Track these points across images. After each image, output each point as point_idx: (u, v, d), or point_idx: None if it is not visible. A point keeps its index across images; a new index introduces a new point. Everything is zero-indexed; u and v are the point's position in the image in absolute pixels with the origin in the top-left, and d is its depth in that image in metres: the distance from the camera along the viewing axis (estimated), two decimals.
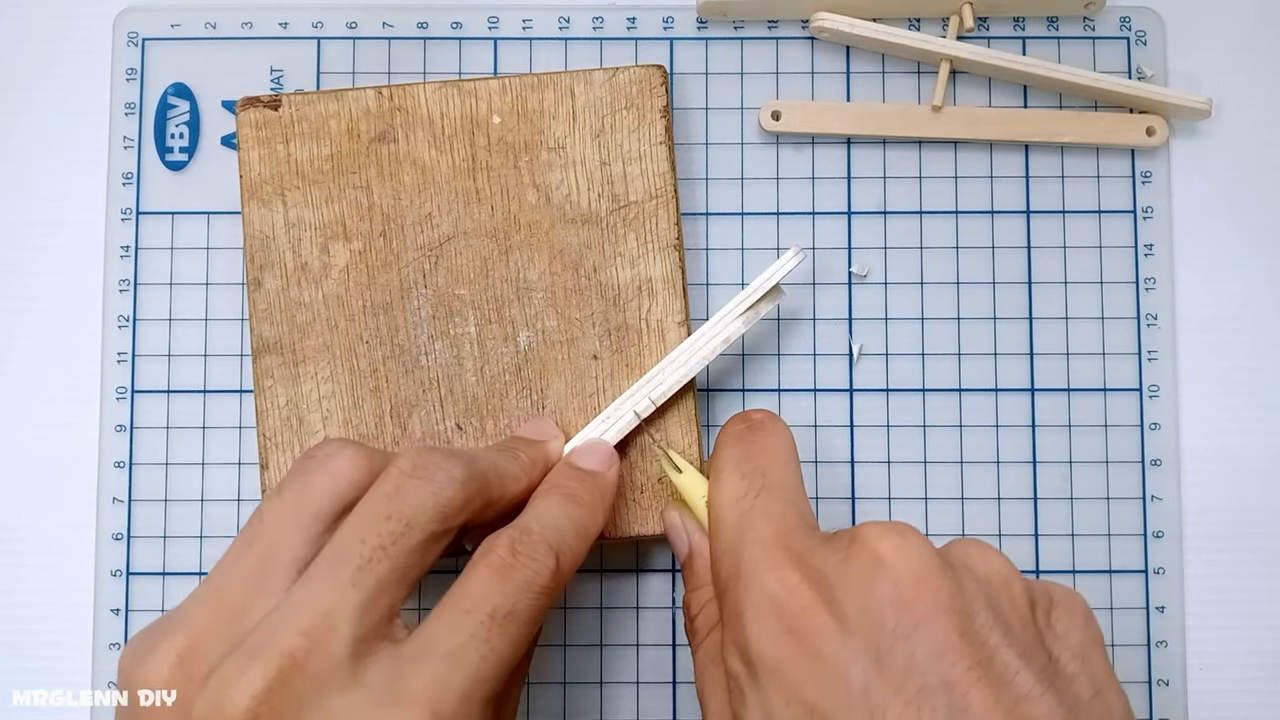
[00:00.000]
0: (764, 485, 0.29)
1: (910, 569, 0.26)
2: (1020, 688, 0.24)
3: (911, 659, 0.25)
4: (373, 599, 0.26)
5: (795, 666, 0.25)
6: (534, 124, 0.37)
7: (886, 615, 0.25)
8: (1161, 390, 0.39)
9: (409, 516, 0.27)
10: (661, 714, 0.38)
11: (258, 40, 0.40)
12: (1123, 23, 0.40)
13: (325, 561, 0.27)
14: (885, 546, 0.26)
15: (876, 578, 0.26)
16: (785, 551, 0.27)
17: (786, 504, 0.29)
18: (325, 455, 0.29)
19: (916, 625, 0.25)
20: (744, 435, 0.31)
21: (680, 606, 0.38)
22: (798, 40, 0.40)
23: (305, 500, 0.28)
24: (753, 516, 0.29)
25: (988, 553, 0.27)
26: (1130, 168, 0.40)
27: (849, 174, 0.40)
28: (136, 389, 0.39)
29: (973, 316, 0.39)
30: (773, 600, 0.26)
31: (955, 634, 0.25)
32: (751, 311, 0.35)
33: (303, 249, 0.36)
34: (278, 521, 0.28)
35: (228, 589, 0.27)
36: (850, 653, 0.25)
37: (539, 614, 0.28)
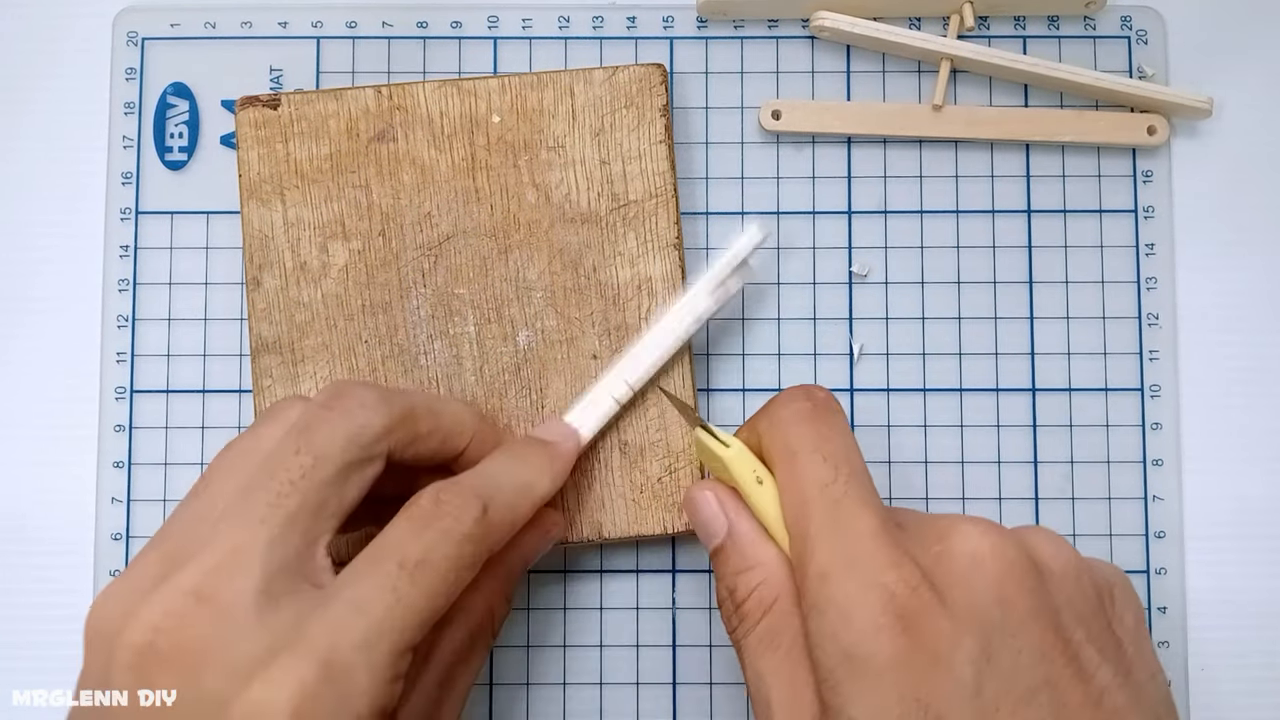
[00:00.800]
0: (851, 472, 0.29)
1: (1008, 568, 0.26)
2: (1101, 680, 0.26)
3: (1018, 658, 0.25)
4: (282, 534, 0.26)
5: (910, 663, 0.25)
6: (533, 123, 0.37)
7: (993, 614, 0.26)
8: (1163, 390, 0.39)
9: (318, 448, 0.27)
10: (662, 714, 0.38)
11: (257, 40, 0.40)
12: (1124, 22, 0.40)
13: (237, 500, 0.27)
14: (982, 545, 0.26)
15: (977, 576, 0.26)
16: (896, 545, 0.27)
17: (873, 494, 0.29)
18: (278, 409, 0.30)
19: (1019, 625, 0.26)
20: (814, 415, 0.30)
21: (680, 607, 0.38)
22: (798, 39, 0.40)
23: (250, 448, 0.28)
24: (850, 506, 0.28)
25: (1059, 546, 0.28)
26: (1131, 167, 0.40)
27: (849, 173, 0.40)
28: (136, 389, 0.39)
29: (973, 316, 0.39)
30: (889, 595, 0.26)
31: (1052, 633, 0.26)
32: (722, 289, 0.35)
33: (302, 248, 0.36)
34: (222, 468, 0.28)
35: (171, 532, 0.28)
36: (964, 652, 0.25)
37: (461, 564, 0.28)
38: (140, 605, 0.25)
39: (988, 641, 0.25)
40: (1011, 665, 0.25)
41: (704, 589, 0.38)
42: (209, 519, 0.27)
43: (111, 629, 0.26)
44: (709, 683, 0.38)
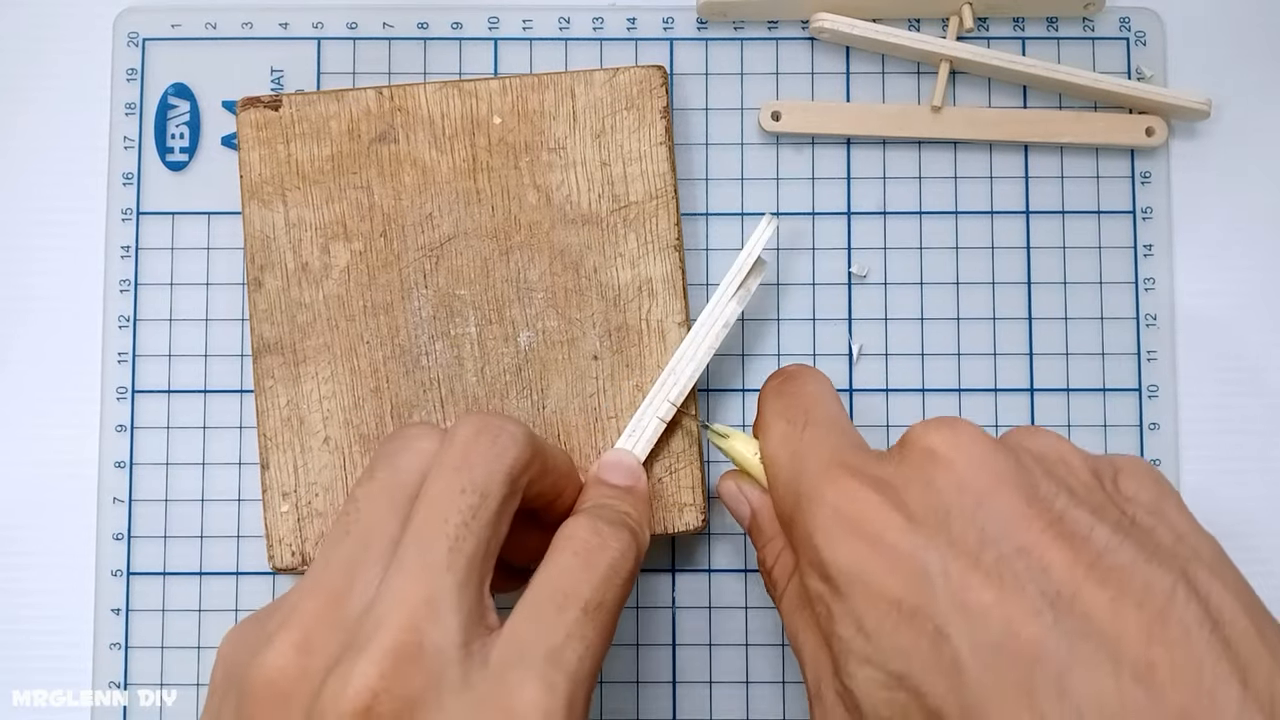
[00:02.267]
0: (808, 420, 0.30)
1: (964, 454, 0.26)
2: (1098, 541, 0.24)
3: (983, 533, 0.25)
4: (467, 578, 0.26)
5: (873, 567, 0.25)
6: (534, 124, 0.37)
7: (950, 499, 0.25)
8: (1161, 390, 0.39)
9: (482, 485, 0.27)
10: (662, 714, 0.38)
11: (258, 40, 0.40)
12: (1122, 23, 0.40)
13: (413, 545, 0.26)
14: (936, 439, 0.26)
15: (933, 469, 0.26)
16: (841, 467, 0.27)
17: (835, 433, 0.29)
18: (409, 437, 0.29)
19: (980, 502, 0.25)
20: (781, 387, 0.32)
21: (680, 606, 0.38)
22: (798, 41, 0.40)
23: (395, 483, 0.28)
24: (803, 449, 0.29)
25: (1042, 433, 0.28)
26: (1130, 168, 0.40)
27: (849, 174, 0.40)
28: (137, 389, 0.39)
29: (972, 317, 0.39)
30: (837, 511, 0.27)
31: (1021, 502, 0.25)
32: (742, 290, 0.36)
33: (303, 249, 0.36)
34: (372, 506, 0.27)
35: (329, 576, 0.26)
36: (923, 541, 0.25)
37: (623, 601, 0.28)
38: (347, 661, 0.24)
39: (946, 527, 0.25)
40: (977, 541, 0.25)
41: (704, 589, 0.38)
42: (372, 562, 0.26)
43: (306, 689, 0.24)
44: (709, 682, 0.38)
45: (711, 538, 0.38)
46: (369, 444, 0.36)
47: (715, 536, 0.38)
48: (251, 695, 0.24)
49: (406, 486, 0.27)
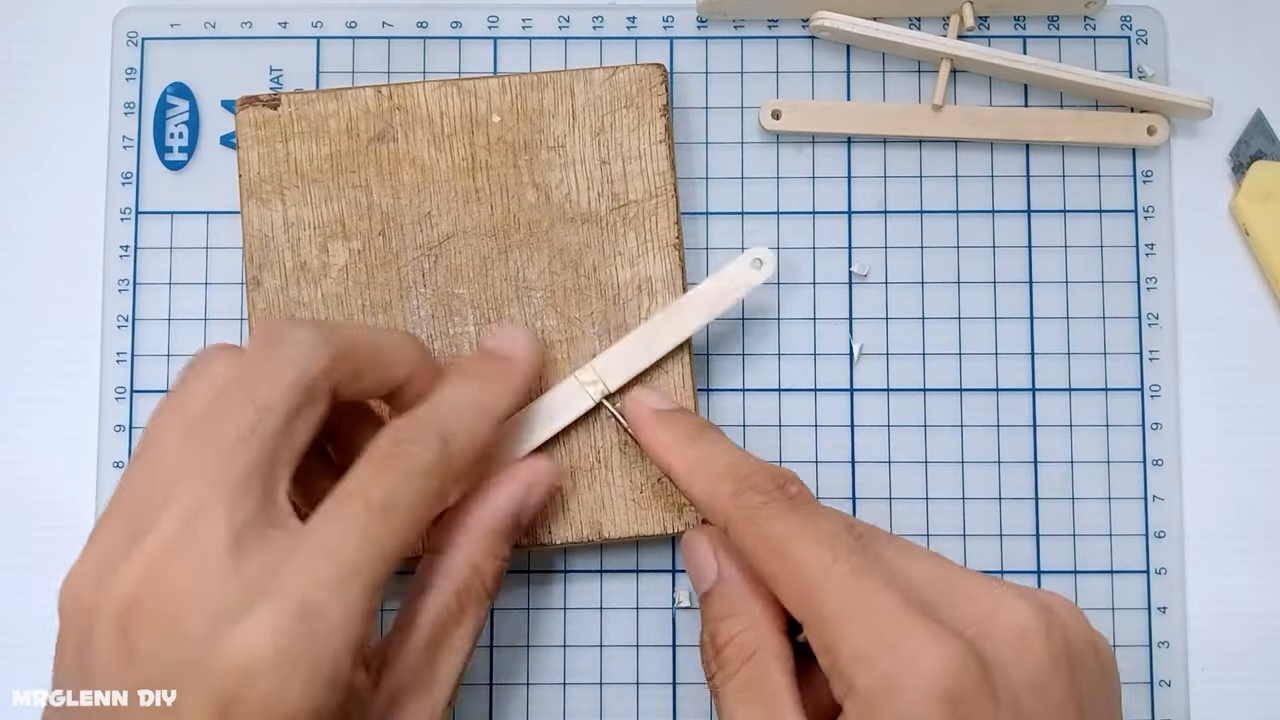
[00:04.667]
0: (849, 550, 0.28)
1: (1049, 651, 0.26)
2: None
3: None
4: (242, 487, 0.26)
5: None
6: (533, 123, 0.37)
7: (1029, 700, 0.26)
8: (1163, 390, 0.39)
9: (262, 399, 0.27)
10: (662, 714, 0.38)
11: (257, 40, 0.40)
12: (1123, 22, 0.40)
13: (190, 458, 0.27)
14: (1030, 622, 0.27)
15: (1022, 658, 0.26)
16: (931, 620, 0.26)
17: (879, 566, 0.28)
18: (204, 360, 0.29)
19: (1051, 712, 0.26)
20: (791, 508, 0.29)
21: (680, 606, 0.38)
22: (798, 39, 0.40)
23: (188, 405, 0.28)
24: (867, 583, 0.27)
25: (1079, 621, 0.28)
26: (1131, 167, 0.40)
27: (849, 173, 0.40)
28: (136, 389, 0.39)
29: (973, 316, 0.39)
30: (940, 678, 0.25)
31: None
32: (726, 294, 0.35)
33: (302, 248, 0.36)
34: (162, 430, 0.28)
35: (124, 503, 0.28)
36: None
37: (425, 500, 0.28)
38: (114, 570, 0.26)
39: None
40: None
41: None
42: (162, 481, 0.27)
43: (89, 596, 0.26)
44: None
45: None
46: None
47: None
48: (61, 613, 0.27)
49: (198, 408, 0.28)
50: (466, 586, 0.31)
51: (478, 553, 0.31)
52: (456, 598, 0.31)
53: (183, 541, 0.26)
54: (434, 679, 0.30)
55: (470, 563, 0.31)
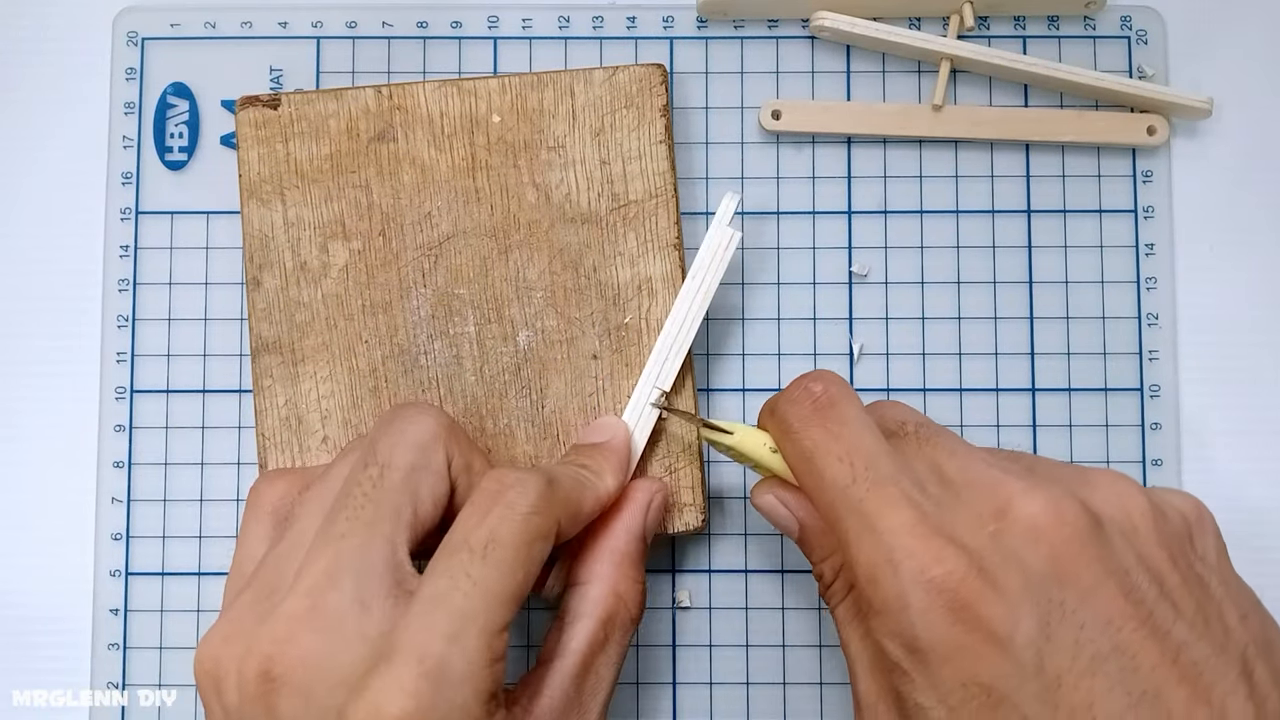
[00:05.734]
0: (868, 464, 0.28)
1: (1066, 538, 0.26)
2: (1178, 635, 0.25)
3: (1081, 630, 0.25)
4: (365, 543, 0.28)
5: (968, 652, 0.25)
6: (534, 123, 0.37)
7: (1051, 590, 0.25)
8: (1162, 390, 0.39)
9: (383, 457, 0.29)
10: (662, 714, 0.38)
11: (257, 40, 0.40)
12: (1124, 22, 0.40)
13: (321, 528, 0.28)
14: (1041, 514, 0.26)
15: (1034, 551, 0.26)
16: (936, 535, 0.26)
17: (898, 478, 0.28)
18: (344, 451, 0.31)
19: (1082, 596, 0.25)
20: (818, 414, 0.30)
21: (679, 606, 0.38)
22: (798, 39, 0.40)
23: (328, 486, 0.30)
24: (875, 504, 0.27)
25: (1127, 492, 0.27)
26: (1131, 167, 0.40)
27: (849, 173, 0.40)
28: (136, 389, 0.39)
29: (973, 316, 0.39)
30: (940, 592, 0.26)
31: (1119, 599, 0.25)
32: (716, 264, 0.35)
33: (302, 248, 0.36)
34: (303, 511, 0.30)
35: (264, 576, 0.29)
36: (1022, 634, 0.25)
37: (530, 536, 0.28)
38: (252, 638, 0.27)
39: (1046, 619, 0.25)
40: (1073, 639, 0.25)
41: (704, 589, 0.38)
42: (297, 553, 0.28)
43: (229, 668, 0.27)
44: (709, 683, 0.38)
45: (711, 538, 0.38)
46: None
47: (715, 536, 0.38)
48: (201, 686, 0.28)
49: (335, 485, 0.30)
50: (611, 615, 0.31)
51: (620, 580, 0.32)
52: (603, 627, 0.31)
53: (312, 610, 0.27)
54: (583, 707, 0.30)
55: (614, 591, 0.31)
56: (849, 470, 0.28)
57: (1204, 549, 0.28)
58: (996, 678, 0.25)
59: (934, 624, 0.26)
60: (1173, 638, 0.25)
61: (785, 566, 0.38)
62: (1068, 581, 0.26)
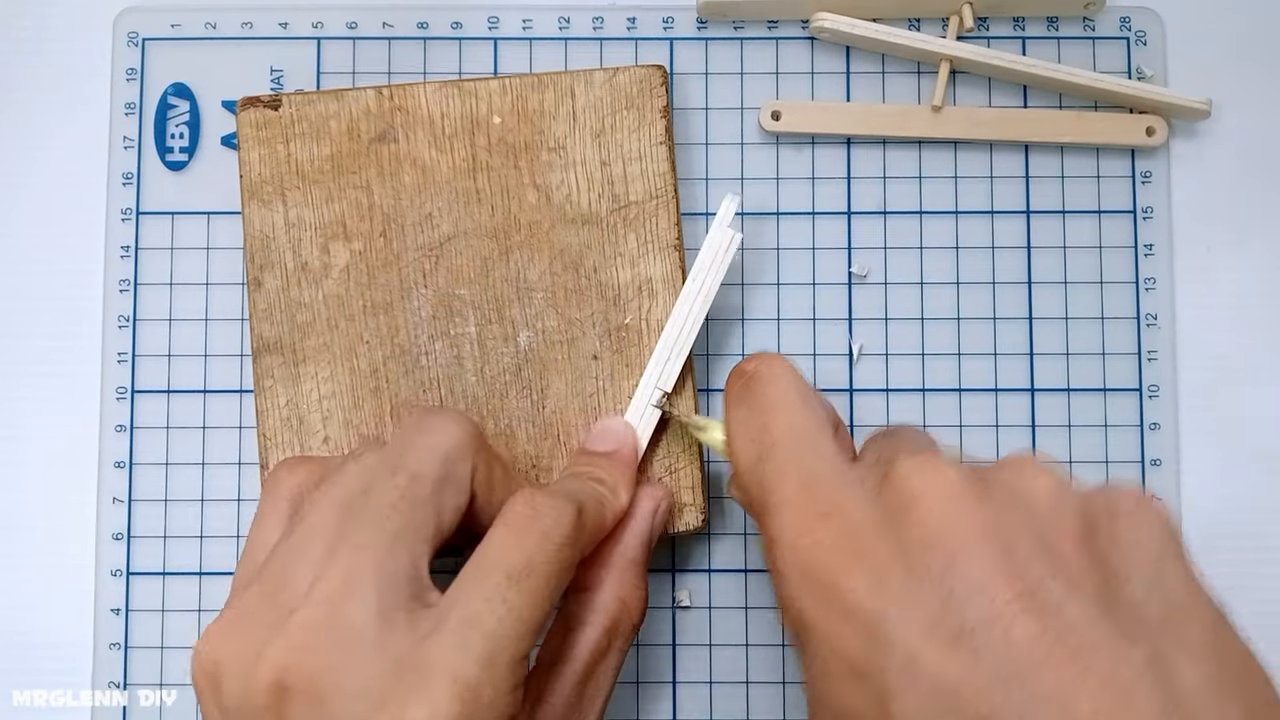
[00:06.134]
0: (771, 441, 0.28)
1: (941, 504, 0.25)
2: (1069, 616, 0.23)
3: (950, 596, 0.23)
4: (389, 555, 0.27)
5: (831, 626, 0.25)
6: (534, 124, 0.37)
7: (917, 557, 0.24)
8: (1161, 390, 0.39)
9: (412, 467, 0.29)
10: (662, 714, 0.38)
11: (258, 40, 0.40)
12: (1122, 23, 0.40)
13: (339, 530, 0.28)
14: (916, 481, 0.25)
15: (907, 518, 0.25)
16: (810, 506, 0.26)
17: (801, 451, 0.28)
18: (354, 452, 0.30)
19: (951, 562, 0.24)
20: (742, 394, 0.30)
21: (679, 605, 0.38)
22: (798, 40, 0.40)
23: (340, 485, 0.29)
24: (769, 479, 0.27)
25: (1036, 472, 0.26)
26: (1130, 168, 0.40)
27: (849, 174, 0.40)
28: (136, 389, 0.39)
29: (973, 316, 0.39)
30: (802, 561, 0.25)
31: (992, 567, 0.23)
32: (717, 265, 0.35)
33: (303, 249, 0.36)
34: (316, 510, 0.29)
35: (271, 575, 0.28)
36: (884, 601, 0.24)
37: (562, 567, 0.28)
38: (264, 643, 0.26)
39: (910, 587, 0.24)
40: (940, 607, 0.23)
41: (704, 589, 0.38)
42: (311, 554, 0.27)
43: (233, 668, 0.26)
44: (709, 682, 0.38)
45: (711, 538, 0.38)
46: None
47: (715, 536, 0.38)
48: (198, 685, 0.27)
49: (350, 487, 0.29)
50: (615, 622, 0.31)
51: (624, 587, 0.32)
52: (607, 634, 0.31)
53: (330, 620, 0.26)
54: (583, 712, 0.30)
55: (618, 597, 0.32)
56: (756, 447, 0.29)
57: (1131, 540, 0.25)
58: (859, 651, 0.24)
59: (801, 595, 0.25)
60: (1059, 618, 0.23)
61: None
62: (935, 547, 0.24)
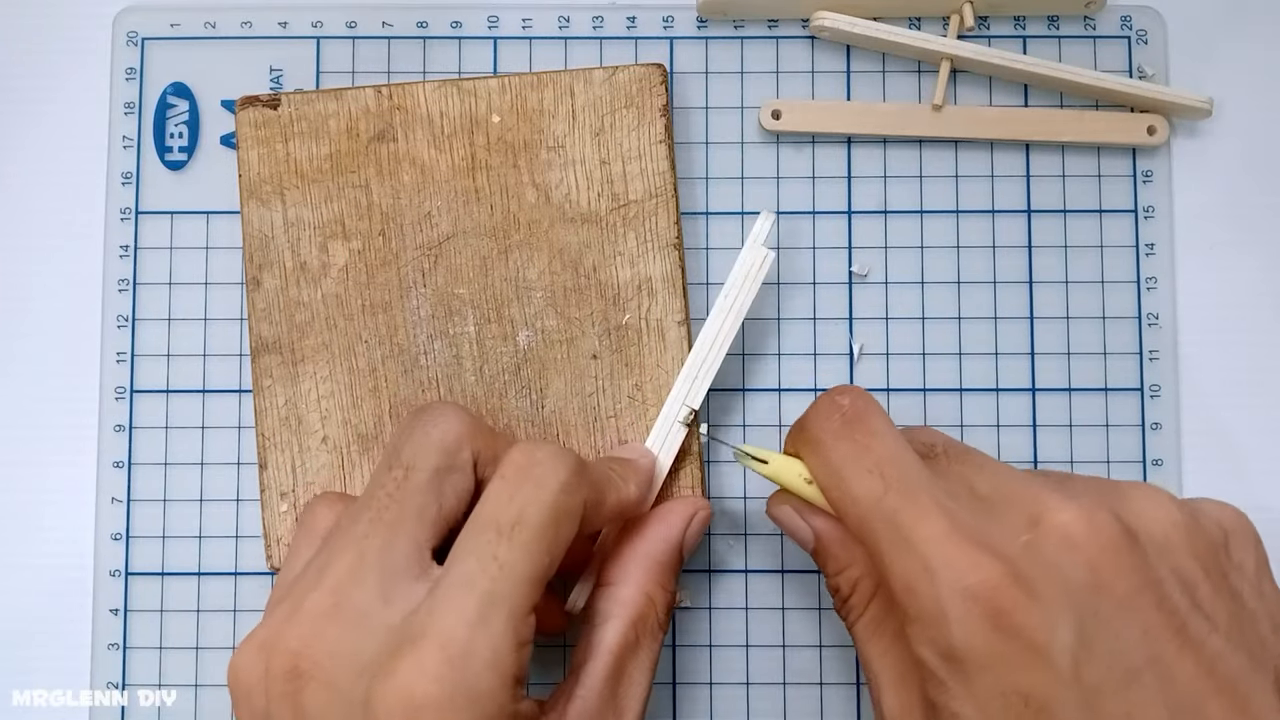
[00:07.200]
0: (900, 476, 0.28)
1: (1101, 548, 0.26)
2: (1213, 646, 0.25)
3: (1118, 640, 0.25)
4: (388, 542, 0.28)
5: (1007, 660, 0.25)
6: (533, 123, 0.37)
7: (1088, 600, 0.25)
8: (1163, 390, 0.39)
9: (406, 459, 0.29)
10: (662, 714, 0.38)
11: (257, 40, 0.40)
12: (1124, 22, 0.40)
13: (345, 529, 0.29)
14: (1075, 526, 0.26)
15: (1069, 562, 0.26)
16: (972, 543, 0.26)
17: (931, 489, 0.28)
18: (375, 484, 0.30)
19: (1118, 607, 0.25)
20: (846, 429, 0.30)
21: (681, 606, 0.38)
22: (798, 39, 0.40)
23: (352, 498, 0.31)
24: (911, 515, 0.27)
25: (1159, 503, 0.27)
26: (1131, 167, 0.40)
27: (849, 173, 0.40)
28: (136, 389, 0.39)
29: (973, 316, 0.39)
30: (975, 596, 0.26)
31: (1154, 610, 0.25)
32: (749, 284, 0.35)
33: (302, 248, 0.36)
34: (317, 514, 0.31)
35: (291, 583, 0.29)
36: (1060, 642, 0.25)
37: (559, 516, 0.28)
38: (279, 638, 0.27)
39: (1083, 628, 0.25)
40: (1111, 649, 0.25)
41: (704, 589, 0.38)
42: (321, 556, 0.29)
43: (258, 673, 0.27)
44: (709, 683, 0.38)
45: (711, 538, 0.38)
46: (367, 443, 0.36)
47: (716, 537, 0.38)
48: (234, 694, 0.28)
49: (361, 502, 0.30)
50: (641, 617, 0.31)
51: (650, 583, 0.32)
52: (633, 628, 0.31)
53: (336, 606, 0.27)
54: (619, 710, 0.30)
55: (644, 593, 0.31)
56: (880, 482, 0.28)
57: (1241, 559, 0.28)
58: (1035, 686, 0.25)
59: (972, 632, 0.26)
60: (1208, 649, 0.25)
61: (785, 566, 0.38)
62: (1103, 591, 0.26)
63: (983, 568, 0.26)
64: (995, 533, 0.27)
